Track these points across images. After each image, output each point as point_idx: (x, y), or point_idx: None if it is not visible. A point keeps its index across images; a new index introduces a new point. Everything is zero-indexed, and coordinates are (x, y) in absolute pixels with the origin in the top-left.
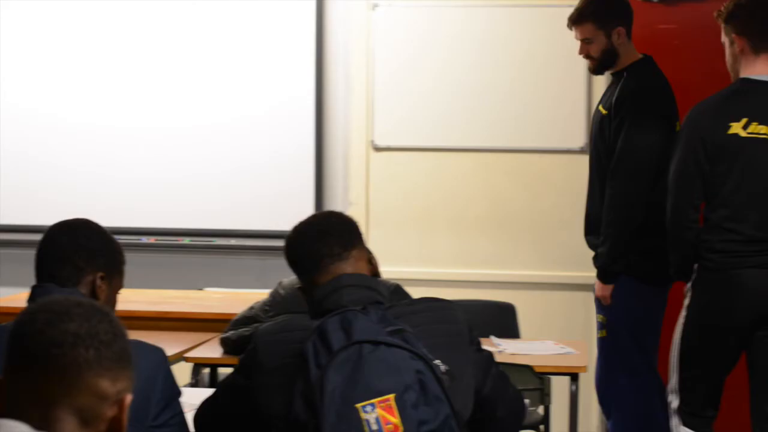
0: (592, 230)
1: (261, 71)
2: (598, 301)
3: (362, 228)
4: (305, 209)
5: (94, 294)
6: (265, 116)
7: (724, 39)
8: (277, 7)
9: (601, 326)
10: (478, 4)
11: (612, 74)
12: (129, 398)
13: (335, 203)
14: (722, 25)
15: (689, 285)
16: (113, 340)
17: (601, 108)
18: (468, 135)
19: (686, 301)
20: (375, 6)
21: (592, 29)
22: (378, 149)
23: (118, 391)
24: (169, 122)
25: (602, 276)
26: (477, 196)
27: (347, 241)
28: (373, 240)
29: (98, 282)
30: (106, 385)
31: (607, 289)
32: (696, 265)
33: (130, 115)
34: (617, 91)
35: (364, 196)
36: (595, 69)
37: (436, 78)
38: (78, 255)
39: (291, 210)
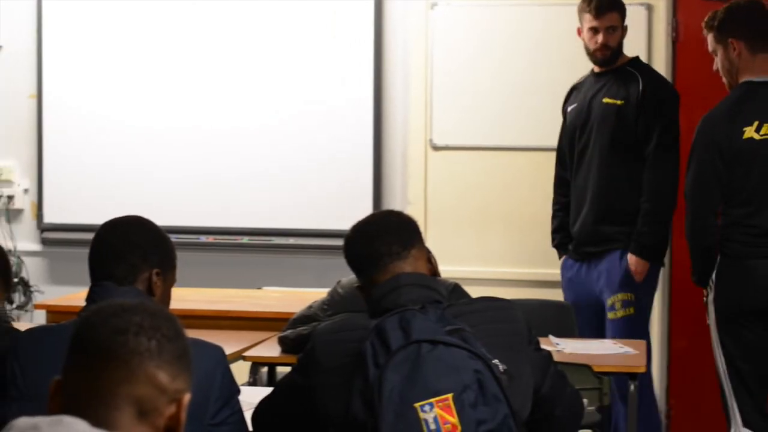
0: (610, 220)
1: (321, 71)
2: (624, 279)
3: (420, 227)
4: (364, 208)
5: (150, 290)
6: (325, 115)
7: (715, 47)
8: (336, 6)
9: (628, 304)
10: (535, 3)
11: (605, 71)
12: (187, 397)
13: (394, 202)
14: (711, 34)
15: (713, 277)
16: (175, 338)
17: (608, 100)
18: (525, 134)
19: (711, 296)
20: (434, 5)
21: (617, 19)
22: (436, 148)
23: (177, 389)
24: (230, 122)
25: (650, 255)
26: (534, 195)
27: (406, 240)
28: (430, 239)
29: (154, 278)
30: (165, 378)
31: (647, 266)
32: (718, 258)
33: (188, 117)
34: (638, 81)
35: (422, 195)
36: (608, 59)
37: (494, 77)
38: (133, 253)
39: (350, 209)
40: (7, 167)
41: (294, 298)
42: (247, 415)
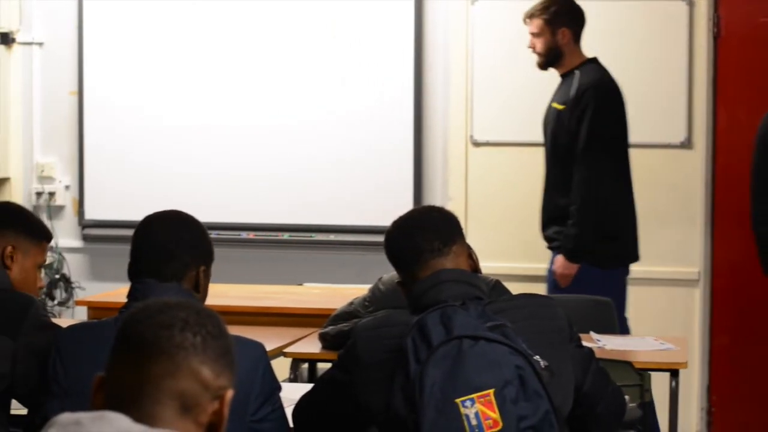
0: (554, 222)
1: (360, 67)
2: (553, 284)
3: (461, 223)
4: (404, 204)
5: (197, 287)
6: (365, 112)
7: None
8: (376, 3)
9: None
10: None
11: (562, 75)
12: (230, 394)
13: (434, 198)
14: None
15: None
16: (219, 335)
17: (555, 105)
18: None
19: None
20: (474, 1)
21: (540, 25)
22: (477, 144)
23: (220, 386)
24: (269, 119)
25: (571, 255)
26: None
27: (448, 237)
28: (471, 235)
29: (201, 276)
30: (209, 374)
31: (573, 269)
32: None
33: (229, 113)
34: (574, 84)
35: (462, 191)
36: (542, 64)
37: (534, 73)
38: (184, 251)
39: (390, 205)
40: (49, 164)
41: (334, 294)
42: (288, 411)
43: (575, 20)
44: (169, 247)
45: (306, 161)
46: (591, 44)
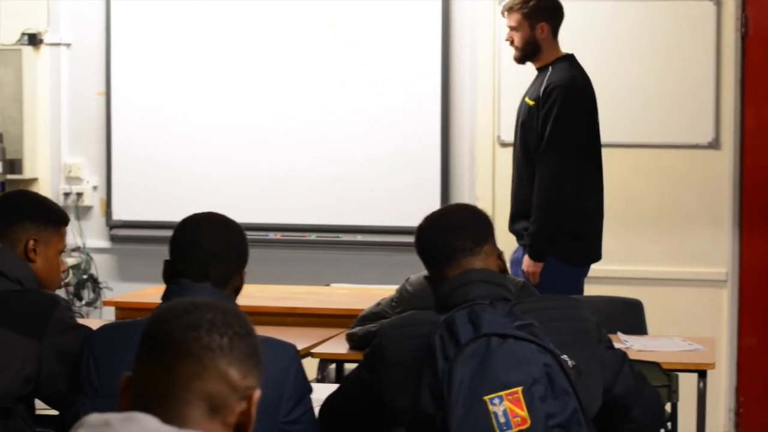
0: (523, 216)
1: (388, 68)
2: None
3: None
4: (432, 205)
5: (237, 290)
6: (392, 112)
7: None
8: (404, 4)
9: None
10: None
11: (537, 69)
12: (257, 394)
13: (461, 198)
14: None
15: None
16: (246, 335)
17: (527, 100)
18: None
19: None
20: (501, 1)
21: (518, 19)
22: (504, 145)
23: (247, 386)
24: (297, 120)
25: (532, 254)
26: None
27: (480, 237)
28: (499, 235)
29: (243, 278)
30: (236, 375)
31: (538, 266)
32: None
33: (257, 113)
34: (545, 81)
35: (490, 192)
36: (518, 58)
37: None
38: (232, 254)
39: (417, 206)
40: (76, 164)
41: (361, 294)
42: (316, 412)
43: (554, 15)
44: (219, 252)
45: (334, 162)
46: (618, 45)
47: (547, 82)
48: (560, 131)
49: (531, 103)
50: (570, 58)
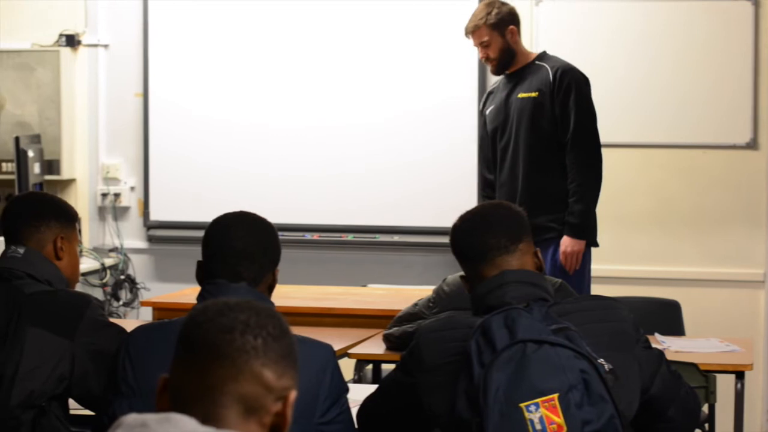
0: (541, 210)
1: (425, 68)
2: (562, 269)
3: None
4: (468, 205)
5: (270, 289)
6: (429, 112)
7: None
8: (440, 4)
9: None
10: None
11: (512, 72)
12: (293, 395)
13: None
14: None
15: None
16: (281, 336)
17: (524, 95)
18: (629, 131)
19: None
20: (539, 2)
21: (488, 32)
22: None
23: (283, 386)
24: (333, 121)
25: (579, 233)
26: (639, 192)
27: (515, 235)
28: None
29: (275, 277)
30: (271, 376)
31: (581, 245)
32: None
33: (293, 114)
34: (548, 71)
35: None
36: (497, 69)
37: (598, 72)
38: (263, 254)
39: (454, 206)
40: (114, 165)
41: (398, 295)
42: (353, 412)
43: (516, 18)
44: (251, 251)
45: (370, 163)
46: (655, 45)
47: (552, 70)
48: (587, 112)
49: (533, 95)
50: (547, 53)
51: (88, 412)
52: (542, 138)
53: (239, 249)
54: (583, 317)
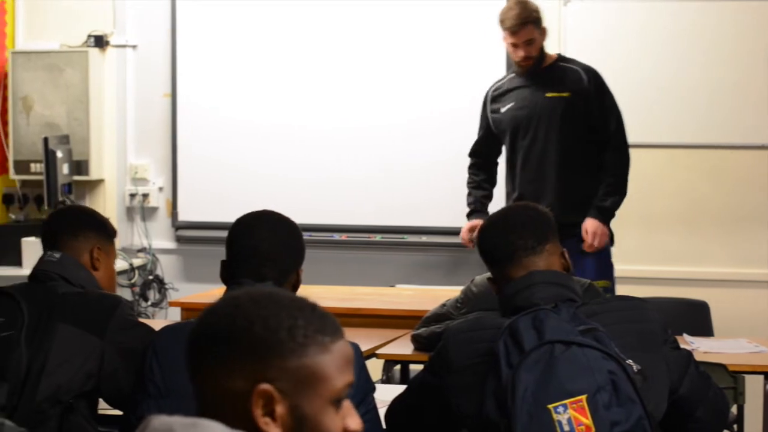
0: (570, 208)
1: (451, 68)
2: (594, 264)
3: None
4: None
5: (294, 288)
6: (457, 112)
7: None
8: (471, 4)
9: (607, 293)
10: None
11: (531, 73)
12: None
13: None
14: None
15: None
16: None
17: (555, 94)
18: (656, 131)
19: None
20: (567, 2)
21: (533, 30)
22: None
23: None
24: (361, 121)
25: (609, 218)
26: (667, 193)
27: (542, 235)
28: None
29: (299, 276)
30: None
31: (606, 232)
32: None
33: (321, 115)
34: (578, 72)
35: None
36: (533, 68)
37: (625, 72)
38: (286, 254)
39: None
40: (142, 166)
41: (426, 295)
42: (381, 413)
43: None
44: (274, 252)
45: (398, 163)
46: (683, 44)
47: (585, 73)
48: (620, 112)
49: (565, 95)
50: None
51: (116, 411)
52: (574, 137)
53: (263, 249)
54: (611, 318)
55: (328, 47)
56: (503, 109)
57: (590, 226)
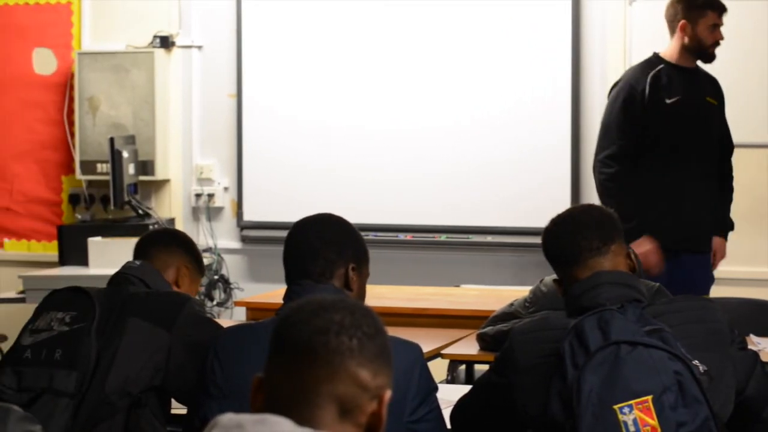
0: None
1: (517, 68)
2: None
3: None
4: (561, 205)
5: (347, 285)
6: (523, 112)
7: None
8: (534, 4)
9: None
10: None
11: (690, 69)
12: (388, 394)
13: (591, 199)
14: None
15: None
16: (375, 335)
17: (712, 100)
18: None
19: None
20: (632, 1)
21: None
22: None
23: (378, 385)
24: (426, 121)
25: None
26: (736, 192)
27: (607, 236)
28: None
29: (350, 273)
30: (367, 376)
31: None
32: None
33: (386, 115)
34: (710, 78)
35: None
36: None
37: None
38: (328, 249)
39: (547, 206)
40: (208, 166)
41: (491, 296)
42: (446, 413)
43: None
44: (314, 246)
45: (463, 163)
46: (749, 43)
47: (713, 81)
48: None
49: (715, 102)
50: None
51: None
52: (717, 148)
53: (303, 245)
54: (677, 318)
55: (395, 46)
56: (669, 101)
57: (719, 247)
